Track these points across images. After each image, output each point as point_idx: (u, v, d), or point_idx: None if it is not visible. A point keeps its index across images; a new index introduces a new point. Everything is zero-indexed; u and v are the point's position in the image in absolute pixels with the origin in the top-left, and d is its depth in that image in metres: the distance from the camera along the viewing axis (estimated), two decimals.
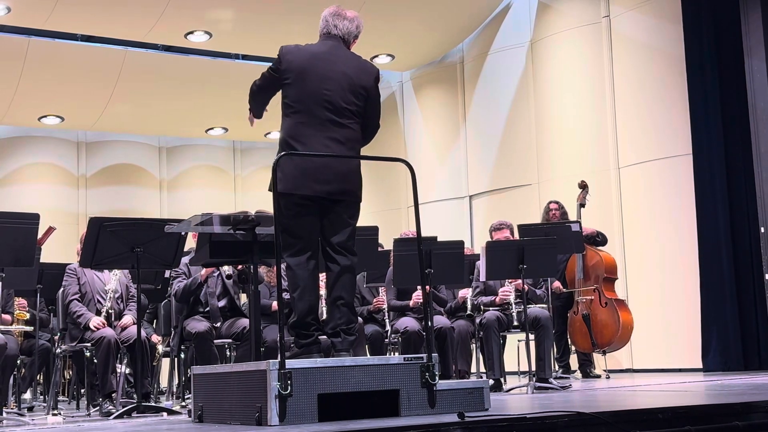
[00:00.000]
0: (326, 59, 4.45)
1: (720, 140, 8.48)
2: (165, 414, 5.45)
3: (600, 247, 8.42)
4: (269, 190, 4.35)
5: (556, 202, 8.64)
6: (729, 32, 8.58)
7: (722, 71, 8.55)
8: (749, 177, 8.41)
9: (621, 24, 9.75)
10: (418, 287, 6.80)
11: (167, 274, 7.23)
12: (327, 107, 4.38)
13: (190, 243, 6.62)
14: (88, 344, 6.10)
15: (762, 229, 8.09)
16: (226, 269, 6.51)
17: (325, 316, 4.55)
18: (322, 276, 4.75)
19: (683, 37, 8.90)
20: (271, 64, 4.54)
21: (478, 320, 6.84)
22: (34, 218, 5.43)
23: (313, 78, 4.39)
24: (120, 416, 5.33)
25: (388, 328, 7.00)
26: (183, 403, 6.20)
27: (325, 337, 4.37)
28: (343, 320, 4.34)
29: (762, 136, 8.16)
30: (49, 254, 7.21)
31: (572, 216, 8.55)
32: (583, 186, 8.49)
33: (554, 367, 7.60)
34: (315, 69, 4.41)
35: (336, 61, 4.46)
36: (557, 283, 8.22)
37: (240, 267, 6.47)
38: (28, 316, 6.94)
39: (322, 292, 5.34)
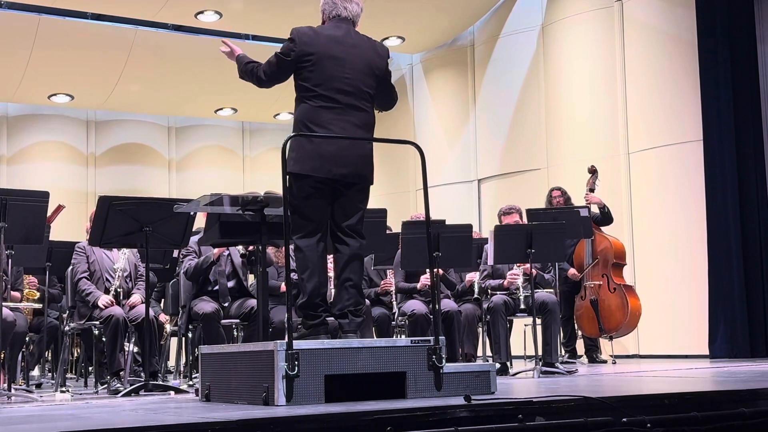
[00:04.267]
0: (345, 43, 4.41)
1: (731, 127, 8.44)
2: (172, 393, 5.48)
3: (607, 231, 8.40)
4: (288, 173, 4.34)
5: (559, 189, 8.62)
6: (742, 18, 8.54)
7: (734, 57, 8.50)
8: (760, 164, 8.40)
9: (633, 8, 9.69)
10: (427, 270, 6.81)
11: (175, 253, 7.25)
12: (348, 91, 4.36)
13: (199, 223, 6.63)
14: (97, 322, 6.13)
15: None
16: (240, 249, 6.52)
17: (332, 298, 4.56)
18: (330, 258, 4.76)
19: (696, 23, 8.85)
20: (281, 47, 4.45)
21: (485, 304, 6.85)
22: (44, 196, 5.45)
23: (334, 63, 4.35)
24: (127, 394, 5.36)
25: (395, 310, 7.01)
26: (190, 383, 6.23)
27: (332, 318, 4.38)
28: (350, 302, 4.35)
29: None
30: (58, 232, 7.23)
31: (576, 202, 8.53)
32: (593, 171, 8.47)
33: (560, 351, 7.61)
34: (335, 53, 4.37)
35: (354, 44, 4.43)
36: (572, 270, 8.22)
37: (250, 248, 6.48)
38: (38, 295, 6.98)
39: (331, 274, 5.35)
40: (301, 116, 4.38)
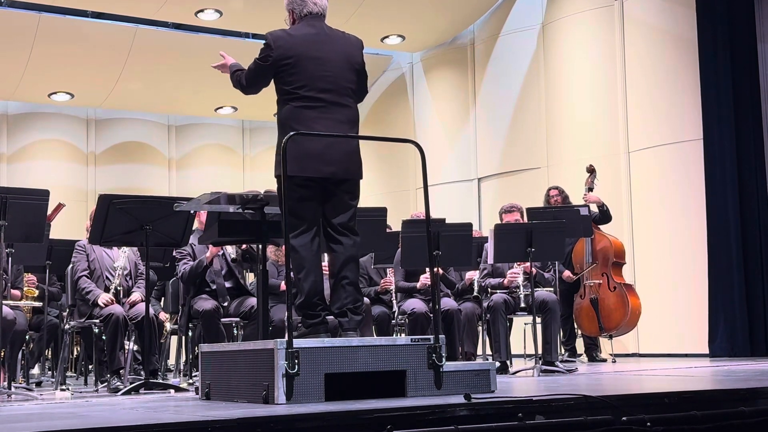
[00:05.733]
0: (321, 41, 4.40)
1: (731, 126, 8.44)
2: (172, 391, 5.48)
3: (607, 230, 8.40)
4: (275, 176, 4.35)
5: (557, 188, 8.63)
6: (742, 17, 8.53)
7: (735, 56, 8.50)
8: (760, 163, 8.40)
9: (633, 7, 9.69)
10: (427, 270, 6.81)
11: (175, 252, 7.25)
12: (330, 89, 4.35)
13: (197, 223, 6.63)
14: (97, 321, 6.13)
15: None
16: (231, 252, 6.52)
17: (329, 296, 4.55)
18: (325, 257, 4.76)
19: (696, 22, 8.85)
20: (258, 53, 4.45)
21: (485, 303, 6.85)
22: (44, 194, 5.45)
23: (314, 63, 4.35)
24: (127, 392, 5.36)
25: (395, 309, 7.01)
26: (190, 381, 6.24)
27: (332, 317, 4.38)
28: (349, 299, 4.34)
29: None
30: (58, 231, 7.23)
31: (574, 200, 8.52)
32: (591, 170, 8.47)
33: (560, 350, 7.61)
34: (314, 53, 4.36)
35: (329, 41, 4.43)
36: (567, 273, 8.21)
37: (244, 246, 6.49)
38: (37, 293, 6.98)
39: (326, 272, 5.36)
40: (285, 117, 4.38)
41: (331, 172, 4.32)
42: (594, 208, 8.40)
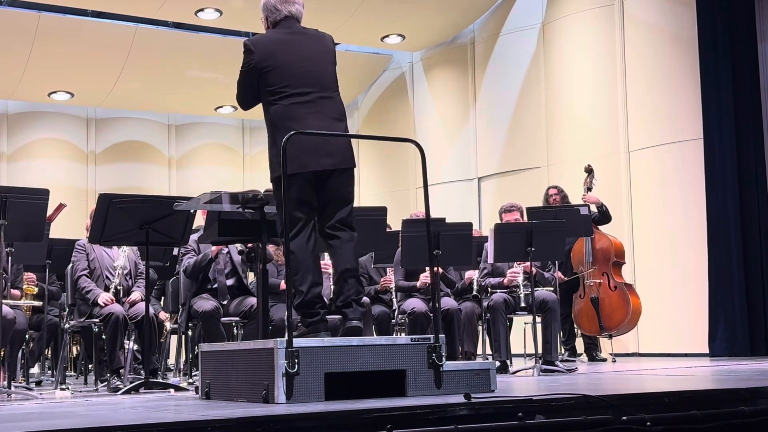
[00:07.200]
0: (298, 40, 4.46)
1: (731, 125, 8.44)
2: (172, 390, 5.48)
3: (605, 229, 8.40)
4: (272, 179, 4.35)
5: (555, 187, 8.63)
6: (742, 16, 8.53)
7: (735, 55, 8.50)
8: (760, 162, 8.39)
9: (633, 6, 9.69)
10: (427, 269, 6.81)
11: (175, 251, 7.25)
12: (314, 83, 4.39)
13: (199, 220, 6.63)
14: (97, 320, 6.13)
15: None
16: (238, 245, 6.51)
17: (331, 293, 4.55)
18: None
19: (696, 21, 8.84)
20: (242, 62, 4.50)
21: (485, 302, 6.85)
22: (44, 194, 5.45)
23: (295, 60, 4.39)
24: (127, 392, 5.36)
25: (395, 308, 7.01)
26: (190, 380, 6.23)
27: (332, 316, 4.38)
28: (352, 291, 4.36)
29: None
30: (57, 230, 7.23)
31: (573, 200, 8.52)
32: (589, 170, 8.47)
33: (560, 350, 7.61)
34: (293, 51, 4.40)
35: (306, 39, 4.49)
36: (558, 273, 8.20)
37: (249, 245, 6.48)
38: (36, 290, 6.98)
39: (329, 270, 5.33)
40: (277, 118, 4.38)
41: (330, 163, 4.34)
42: (593, 208, 8.40)
